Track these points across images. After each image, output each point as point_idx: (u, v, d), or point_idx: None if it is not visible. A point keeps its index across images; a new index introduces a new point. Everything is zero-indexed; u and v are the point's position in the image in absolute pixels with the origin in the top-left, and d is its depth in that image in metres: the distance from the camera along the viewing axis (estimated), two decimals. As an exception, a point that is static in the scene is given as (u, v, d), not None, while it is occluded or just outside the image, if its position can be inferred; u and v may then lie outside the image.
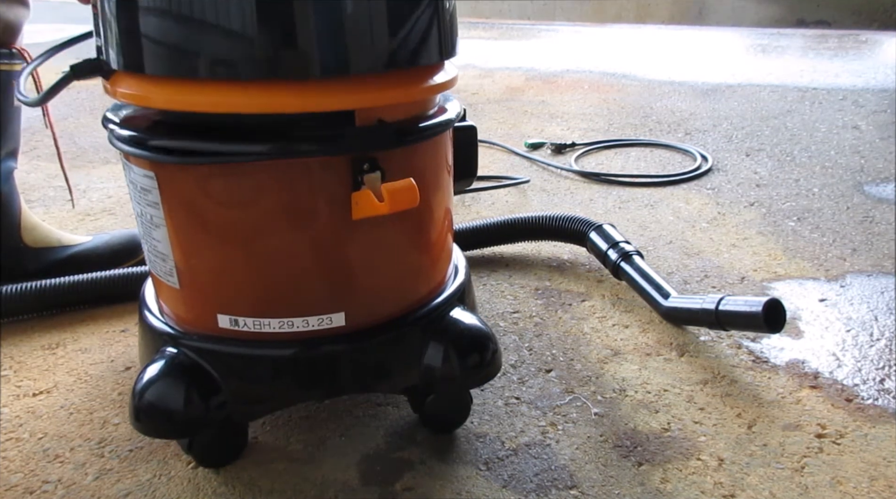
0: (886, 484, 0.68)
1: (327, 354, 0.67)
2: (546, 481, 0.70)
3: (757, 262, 1.13)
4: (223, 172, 0.59)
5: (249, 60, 0.54)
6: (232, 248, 0.63)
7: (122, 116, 0.64)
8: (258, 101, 0.55)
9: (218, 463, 0.72)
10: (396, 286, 0.69)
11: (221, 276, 0.64)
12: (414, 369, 0.70)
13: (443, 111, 0.69)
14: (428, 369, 0.69)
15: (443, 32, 0.62)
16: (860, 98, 2.11)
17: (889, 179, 1.47)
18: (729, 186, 1.46)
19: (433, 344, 0.69)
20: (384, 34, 0.57)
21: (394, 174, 0.60)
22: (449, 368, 0.69)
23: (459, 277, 0.78)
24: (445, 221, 0.73)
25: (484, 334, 0.71)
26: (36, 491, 0.70)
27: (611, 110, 2.09)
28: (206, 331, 0.66)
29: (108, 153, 1.70)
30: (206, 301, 0.66)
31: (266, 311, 0.64)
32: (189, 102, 0.56)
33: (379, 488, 0.69)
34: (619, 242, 1.04)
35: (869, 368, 0.86)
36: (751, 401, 0.81)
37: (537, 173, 1.58)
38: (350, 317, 0.66)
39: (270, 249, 0.62)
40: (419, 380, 0.70)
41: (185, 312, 0.68)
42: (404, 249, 0.68)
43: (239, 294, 0.64)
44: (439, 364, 0.69)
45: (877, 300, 1.01)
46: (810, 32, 3.34)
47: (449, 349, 0.69)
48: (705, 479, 0.70)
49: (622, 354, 0.90)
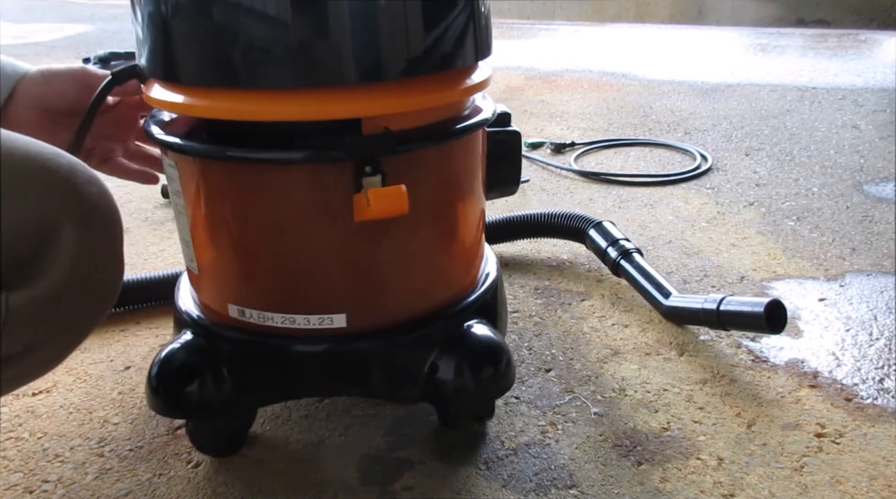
0: (886, 483, 0.68)
1: (325, 353, 0.67)
2: (546, 481, 0.70)
3: (756, 261, 1.13)
4: (225, 169, 0.61)
5: (259, 73, 0.56)
6: (241, 242, 0.64)
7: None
8: (246, 109, 0.57)
9: (216, 452, 0.73)
10: (401, 292, 0.68)
11: (231, 268, 0.66)
12: (418, 379, 0.68)
13: (469, 116, 0.68)
14: (437, 382, 0.67)
15: (478, 33, 0.63)
16: (860, 97, 2.11)
17: (889, 179, 1.47)
18: (728, 186, 1.46)
19: (444, 357, 0.68)
20: (374, 43, 0.57)
21: (400, 179, 0.60)
22: (461, 381, 0.67)
23: (484, 285, 0.75)
24: (466, 229, 0.71)
25: (497, 347, 0.69)
26: (35, 490, 0.70)
27: (610, 110, 2.09)
28: (219, 318, 0.69)
29: (108, 153, 1.70)
30: (219, 290, 0.68)
31: (270, 305, 0.65)
32: (203, 109, 0.59)
33: (378, 488, 0.69)
34: (619, 240, 1.04)
35: (868, 368, 0.86)
36: (750, 400, 0.81)
37: (537, 173, 1.58)
38: (352, 319, 0.66)
39: (274, 246, 0.63)
40: (425, 392, 0.68)
41: (203, 297, 0.71)
42: (410, 256, 0.67)
43: (246, 287, 0.66)
44: (450, 377, 0.67)
45: (876, 300, 1.01)
46: (810, 32, 3.34)
47: (461, 363, 0.67)
48: (705, 478, 0.70)
49: (622, 354, 0.90)
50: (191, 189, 0.64)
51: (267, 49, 0.54)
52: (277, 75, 0.55)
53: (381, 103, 0.58)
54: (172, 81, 0.59)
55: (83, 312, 0.52)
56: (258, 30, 0.54)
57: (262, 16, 0.54)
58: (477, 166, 0.72)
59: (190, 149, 0.61)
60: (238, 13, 0.54)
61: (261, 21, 0.54)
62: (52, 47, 3.46)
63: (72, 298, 0.49)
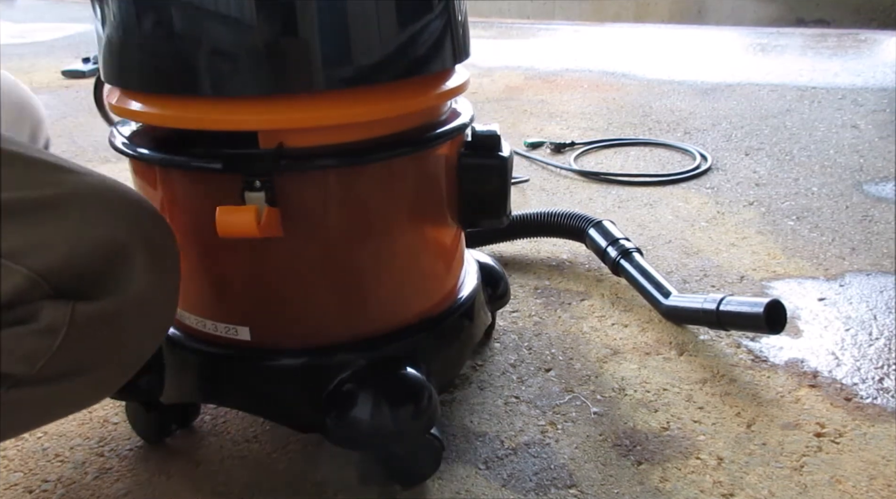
0: (885, 483, 0.68)
1: (224, 362, 0.66)
2: (545, 480, 0.70)
3: (756, 261, 1.13)
4: (140, 169, 0.65)
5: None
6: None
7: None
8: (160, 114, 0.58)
9: (147, 437, 0.76)
10: (303, 315, 0.64)
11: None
12: (315, 408, 0.63)
13: (402, 136, 0.60)
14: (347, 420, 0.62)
15: (406, 49, 0.57)
16: (859, 97, 2.11)
17: (888, 178, 1.47)
18: (728, 186, 1.46)
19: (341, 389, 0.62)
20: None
21: (298, 197, 0.58)
22: (379, 419, 0.61)
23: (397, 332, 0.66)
24: (374, 261, 0.63)
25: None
26: (35, 490, 0.70)
27: (610, 109, 2.09)
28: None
29: (108, 152, 1.70)
30: None
31: (187, 307, 0.66)
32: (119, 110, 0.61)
33: (378, 487, 0.69)
34: (619, 239, 1.04)
35: (868, 367, 0.86)
36: (750, 400, 0.81)
37: (536, 172, 1.58)
38: (255, 333, 0.64)
39: (183, 246, 0.60)
40: (322, 427, 0.63)
41: None
42: (307, 283, 0.63)
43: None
44: (367, 416, 0.61)
45: (876, 299, 1.01)
46: (809, 31, 3.34)
47: (379, 400, 0.62)
48: (704, 478, 0.70)
49: (621, 354, 0.90)
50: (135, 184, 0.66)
51: (174, 58, 0.54)
52: (182, 82, 0.55)
53: (272, 117, 0.54)
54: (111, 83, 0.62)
55: (138, 339, 0.53)
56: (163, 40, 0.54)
57: (161, 23, 0.54)
58: (408, 196, 0.64)
59: (118, 147, 0.63)
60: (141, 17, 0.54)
61: (164, 29, 0.54)
62: (51, 47, 3.46)
63: (131, 321, 0.50)
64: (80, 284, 0.47)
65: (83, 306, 0.47)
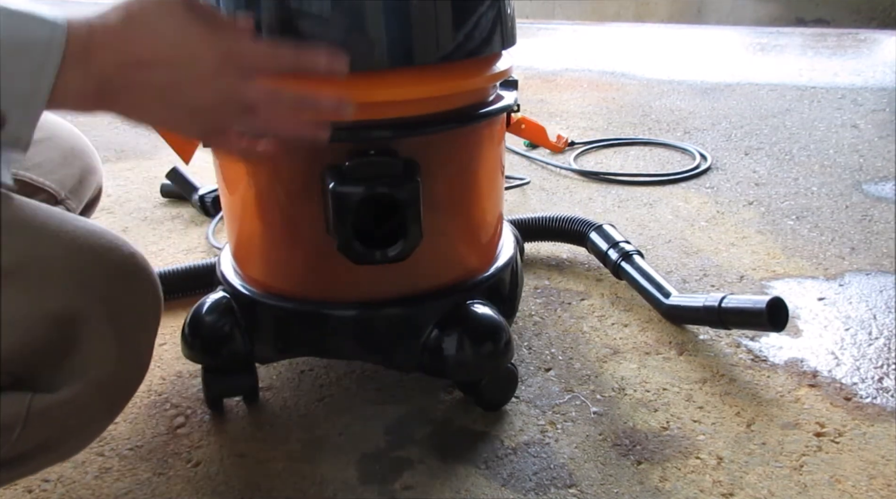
0: (885, 482, 0.68)
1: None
2: (545, 480, 0.70)
3: (756, 260, 1.13)
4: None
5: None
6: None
7: None
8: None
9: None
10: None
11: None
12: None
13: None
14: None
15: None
16: (859, 97, 2.11)
17: (888, 178, 1.47)
18: (728, 185, 1.46)
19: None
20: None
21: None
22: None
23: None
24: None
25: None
26: (35, 489, 0.70)
27: (610, 109, 2.09)
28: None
29: (107, 152, 1.70)
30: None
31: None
32: None
33: (378, 487, 0.69)
34: (620, 242, 1.04)
35: (867, 367, 0.86)
36: (750, 400, 0.81)
37: (536, 172, 1.58)
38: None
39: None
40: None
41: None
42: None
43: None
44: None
45: (875, 299, 1.01)
46: (809, 31, 3.34)
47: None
48: (704, 477, 0.70)
49: (621, 353, 0.90)
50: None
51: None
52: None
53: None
54: None
55: (101, 416, 0.53)
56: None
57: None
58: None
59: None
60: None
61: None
62: (51, 46, 3.45)
63: (93, 404, 0.50)
64: (37, 369, 0.46)
65: (40, 400, 0.46)
